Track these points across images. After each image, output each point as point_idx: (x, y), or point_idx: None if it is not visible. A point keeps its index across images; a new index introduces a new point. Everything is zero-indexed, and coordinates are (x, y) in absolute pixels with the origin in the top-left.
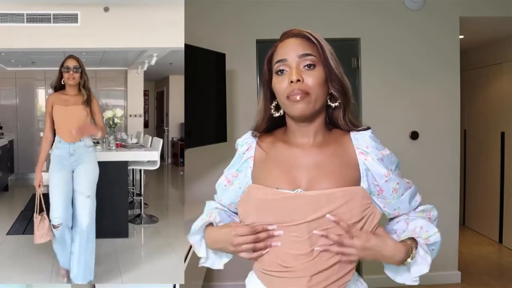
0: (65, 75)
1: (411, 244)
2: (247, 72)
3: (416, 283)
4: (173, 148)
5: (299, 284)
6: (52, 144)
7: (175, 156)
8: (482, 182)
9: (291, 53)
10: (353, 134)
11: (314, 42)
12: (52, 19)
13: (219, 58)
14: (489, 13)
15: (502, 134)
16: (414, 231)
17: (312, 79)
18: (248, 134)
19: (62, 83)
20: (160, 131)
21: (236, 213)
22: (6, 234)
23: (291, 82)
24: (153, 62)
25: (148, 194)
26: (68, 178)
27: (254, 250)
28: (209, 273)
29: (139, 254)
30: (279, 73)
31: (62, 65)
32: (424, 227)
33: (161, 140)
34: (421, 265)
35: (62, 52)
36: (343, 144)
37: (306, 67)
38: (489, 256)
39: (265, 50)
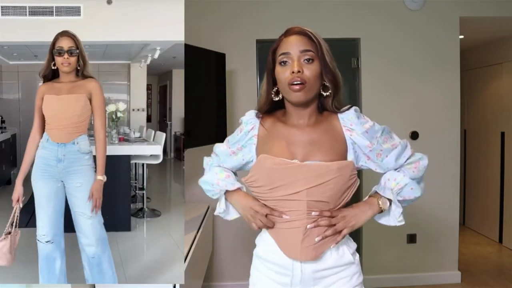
0: (58, 59)
1: (377, 196)
2: (247, 72)
3: (402, 223)
4: (176, 142)
5: (298, 233)
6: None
7: (177, 150)
8: (482, 182)
9: (293, 48)
10: (339, 115)
11: (314, 40)
12: (54, 12)
13: (219, 58)
14: (489, 13)
15: (502, 134)
16: (382, 185)
17: (310, 71)
18: (252, 114)
19: (53, 67)
20: (163, 125)
21: (235, 174)
22: None
23: (293, 72)
24: (156, 55)
25: (151, 188)
26: (56, 189)
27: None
28: (209, 273)
29: (142, 248)
30: (282, 64)
31: (53, 46)
32: (391, 177)
33: (164, 134)
34: (398, 207)
35: None
36: (332, 123)
37: (305, 61)
38: (489, 256)
39: (265, 50)
